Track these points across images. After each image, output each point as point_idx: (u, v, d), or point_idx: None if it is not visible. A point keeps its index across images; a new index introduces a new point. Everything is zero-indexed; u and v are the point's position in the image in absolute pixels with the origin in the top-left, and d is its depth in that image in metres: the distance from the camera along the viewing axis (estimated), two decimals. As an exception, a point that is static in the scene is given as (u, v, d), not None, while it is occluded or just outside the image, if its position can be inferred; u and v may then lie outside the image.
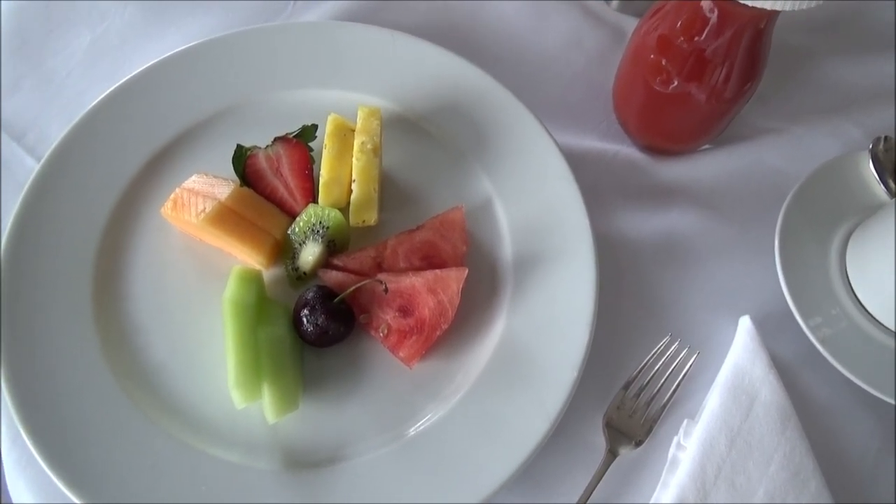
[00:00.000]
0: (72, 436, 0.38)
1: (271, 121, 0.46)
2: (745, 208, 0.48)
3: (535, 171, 0.46)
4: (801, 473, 0.39)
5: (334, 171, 0.43)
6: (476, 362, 0.41)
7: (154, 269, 0.43)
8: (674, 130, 0.48)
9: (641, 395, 0.42)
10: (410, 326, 0.41)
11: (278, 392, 0.38)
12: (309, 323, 0.40)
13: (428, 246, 0.43)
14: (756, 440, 0.40)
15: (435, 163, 0.47)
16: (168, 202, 0.43)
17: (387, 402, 0.40)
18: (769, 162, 0.50)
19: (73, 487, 0.36)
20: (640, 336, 0.44)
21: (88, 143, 0.45)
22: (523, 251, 0.44)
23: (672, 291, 0.46)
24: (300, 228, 0.42)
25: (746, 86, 0.44)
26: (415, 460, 0.39)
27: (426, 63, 0.49)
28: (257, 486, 0.38)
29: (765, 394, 0.41)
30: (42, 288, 0.41)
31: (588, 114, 0.52)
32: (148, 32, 0.53)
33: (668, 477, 0.40)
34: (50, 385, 0.39)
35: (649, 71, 0.45)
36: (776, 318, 0.44)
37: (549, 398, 0.40)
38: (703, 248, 0.47)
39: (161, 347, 0.41)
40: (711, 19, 0.40)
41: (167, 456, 0.38)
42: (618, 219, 0.48)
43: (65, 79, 0.51)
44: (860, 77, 0.54)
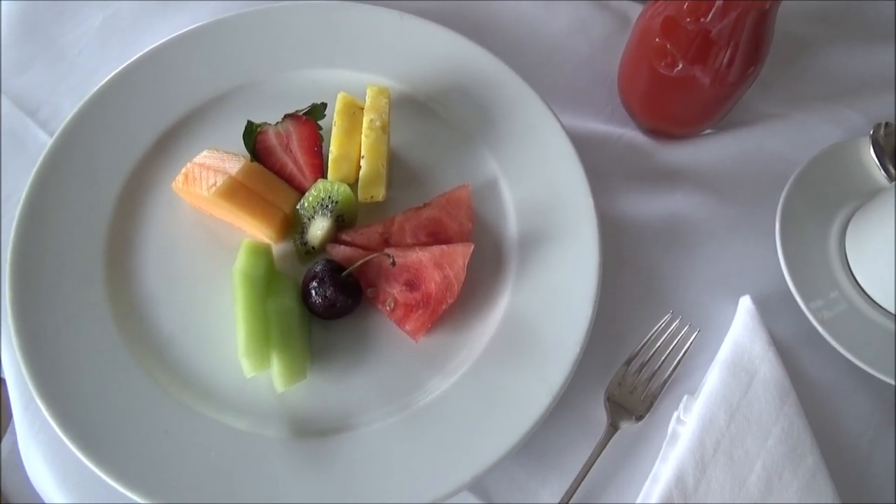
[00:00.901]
0: (85, 403, 0.39)
1: (281, 99, 0.47)
2: (747, 192, 0.49)
3: (540, 152, 0.47)
4: (799, 448, 0.40)
5: (343, 148, 0.44)
6: (481, 337, 0.42)
7: (165, 243, 0.44)
8: (677, 114, 0.49)
9: (643, 372, 0.43)
10: (417, 300, 0.41)
11: (287, 362, 0.39)
12: (318, 295, 0.40)
13: (434, 223, 0.44)
14: (754, 415, 0.40)
15: (442, 142, 0.48)
16: (179, 177, 0.44)
17: (392, 374, 0.41)
18: (771, 147, 0.51)
19: (86, 452, 0.37)
20: (641, 314, 0.45)
21: (100, 118, 0.46)
22: (528, 230, 0.45)
23: (674, 271, 0.46)
24: (309, 203, 0.43)
25: (749, 70, 0.45)
26: (419, 431, 0.39)
27: (434, 44, 0.50)
28: (265, 454, 0.39)
29: (764, 371, 0.41)
30: (55, 260, 0.42)
31: (593, 97, 0.52)
32: (158, 12, 0.54)
33: (667, 450, 0.41)
34: (63, 353, 0.40)
35: (654, 54, 0.45)
36: (776, 300, 0.45)
37: (552, 373, 0.40)
38: (704, 229, 0.48)
39: (172, 318, 0.42)
40: (717, 3, 0.41)
41: (178, 423, 0.39)
42: (621, 200, 0.48)
43: (76, 57, 0.52)
44: (861, 65, 0.54)
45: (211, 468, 0.38)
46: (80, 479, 0.40)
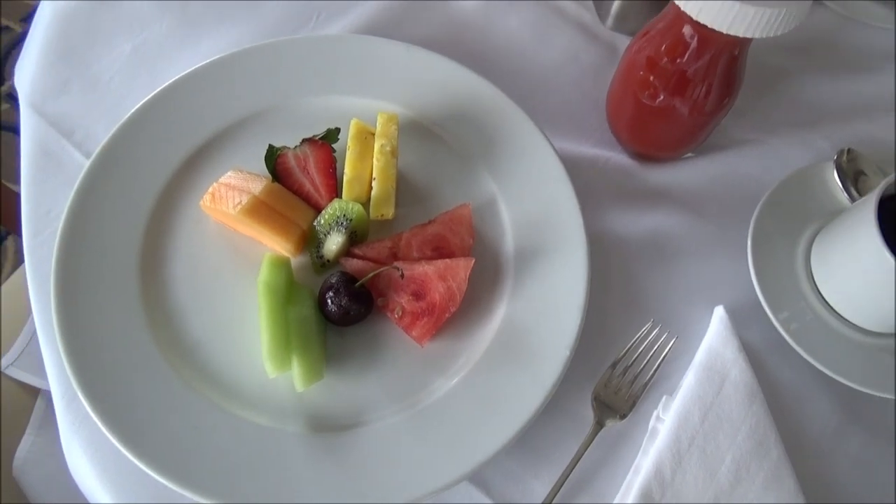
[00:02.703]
0: (122, 400, 0.43)
1: (299, 124, 0.51)
2: (723, 211, 0.53)
3: (534, 174, 0.51)
4: (765, 443, 0.44)
5: (356, 170, 0.48)
6: (480, 342, 0.46)
7: (193, 256, 0.48)
8: (660, 139, 0.54)
9: (626, 374, 0.47)
10: (422, 309, 0.46)
11: (306, 364, 0.43)
12: (333, 304, 0.45)
13: (438, 238, 0.48)
14: (726, 414, 0.45)
15: (445, 164, 0.52)
16: (206, 195, 0.48)
17: (400, 376, 0.45)
18: (745, 170, 0.55)
19: (124, 443, 0.41)
20: (626, 322, 0.49)
21: (133, 142, 0.50)
22: (523, 245, 0.49)
23: (656, 283, 0.51)
24: (325, 220, 0.47)
25: (724, 101, 0.49)
26: (424, 427, 0.44)
27: (438, 74, 0.54)
28: (285, 447, 0.43)
29: (734, 374, 0.46)
30: (95, 271, 0.46)
31: (583, 123, 0.57)
32: (183, 42, 0.58)
33: (647, 445, 0.45)
34: (103, 356, 0.44)
35: (638, 86, 0.50)
36: (748, 310, 0.49)
37: (544, 375, 0.45)
38: (684, 245, 0.52)
39: (200, 324, 0.46)
40: (692, 44, 0.45)
41: (206, 419, 0.43)
42: (609, 218, 0.53)
43: (108, 83, 0.56)
44: (830, 95, 0.59)
45: (235, 458, 0.42)
46: (116, 468, 0.44)
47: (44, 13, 0.59)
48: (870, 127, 0.57)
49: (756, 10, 0.39)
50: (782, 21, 0.40)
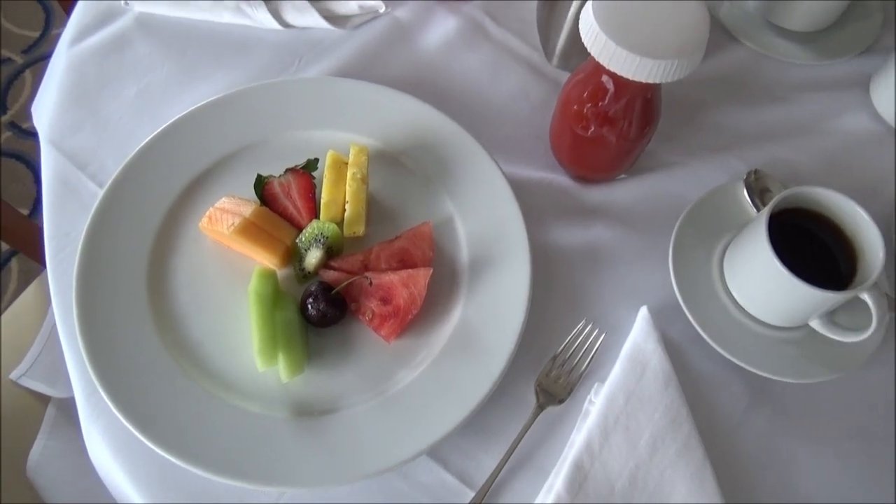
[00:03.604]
0: (135, 392, 0.50)
1: (283, 155, 0.59)
2: (650, 224, 0.61)
3: (486, 195, 0.59)
4: (677, 420, 0.52)
5: (332, 195, 0.56)
6: (439, 339, 0.54)
7: (194, 270, 0.56)
8: (594, 164, 0.62)
9: (565, 365, 0.55)
10: (389, 312, 0.54)
11: (290, 359, 0.51)
12: (313, 308, 0.53)
13: (403, 252, 0.56)
14: (646, 396, 0.53)
15: (410, 188, 0.60)
16: (204, 218, 0.56)
17: (371, 369, 0.53)
18: (670, 188, 0.63)
19: (138, 427, 0.49)
20: (565, 321, 0.57)
21: (140, 173, 0.58)
22: (476, 256, 0.57)
23: (591, 288, 0.59)
24: (306, 238, 0.55)
25: (645, 130, 0.58)
26: (390, 411, 0.52)
27: (404, 110, 0.62)
28: (272, 430, 0.50)
29: (654, 363, 0.54)
30: (109, 283, 0.54)
31: (531, 150, 0.65)
32: (182, 85, 0.66)
33: (581, 424, 0.53)
34: (118, 355, 0.52)
35: (573, 120, 0.58)
36: (670, 310, 0.57)
37: (493, 366, 0.52)
38: (615, 255, 0.60)
39: (200, 327, 0.54)
40: (610, 88, 0.54)
41: (206, 406, 0.51)
42: (552, 232, 0.61)
43: (117, 122, 0.64)
44: (745, 122, 0.67)
45: (230, 439, 0.49)
46: (130, 449, 0.51)
47: (59, 61, 0.67)
48: (778, 149, 0.66)
49: (654, 62, 0.48)
50: (677, 70, 0.49)
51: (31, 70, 1.71)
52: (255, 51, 0.68)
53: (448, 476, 0.52)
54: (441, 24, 0.71)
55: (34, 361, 0.86)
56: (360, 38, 0.69)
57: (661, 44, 0.48)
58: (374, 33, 0.70)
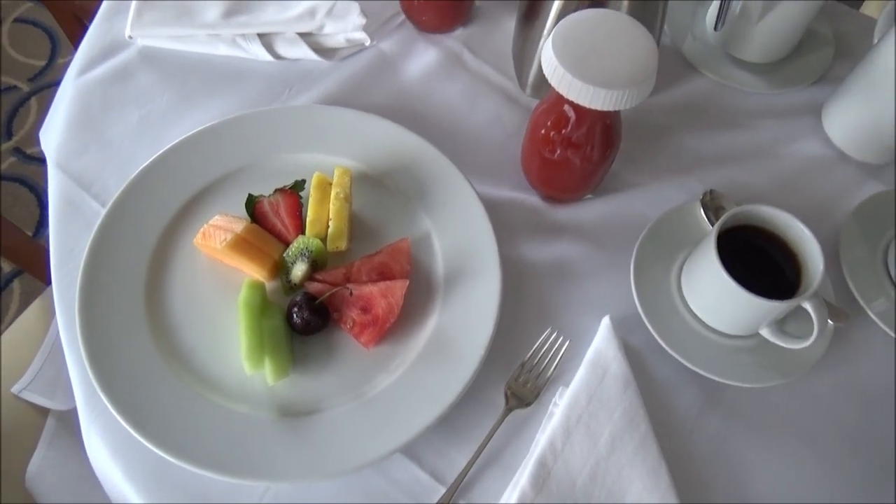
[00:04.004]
0: (132, 394, 0.54)
1: (273, 177, 0.63)
2: (614, 241, 0.65)
3: (461, 213, 0.64)
4: (635, 420, 0.56)
5: (317, 213, 0.61)
6: (415, 346, 0.58)
7: (188, 282, 0.60)
8: (561, 185, 0.67)
9: (532, 371, 0.59)
10: (368, 320, 0.58)
11: (276, 363, 0.55)
12: (298, 317, 0.57)
13: (383, 265, 0.61)
14: (606, 399, 0.57)
15: (390, 207, 0.65)
16: (199, 234, 0.60)
17: (351, 373, 0.57)
18: (633, 208, 0.68)
19: (135, 427, 0.53)
20: (534, 330, 0.61)
21: (140, 193, 0.62)
22: (451, 269, 0.62)
23: (558, 299, 0.63)
24: (292, 252, 0.60)
25: (607, 153, 0.62)
26: (370, 412, 0.56)
27: (386, 135, 0.67)
28: (259, 429, 0.54)
29: (614, 368, 0.58)
30: (109, 294, 0.58)
31: (504, 172, 0.69)
32: (181, 112, 0.71)
33: (546, 424, 0.57)
34: (117, 360, 0.56)
35: (541, 144, 0.63)
36: (631, 320, 0.61)
37: (464, 370, 0.56)
38: (581, 269, 0.64)
39: (193, 335, 0.58)
40: (572, 117, 0.59)
41: (198, 407, 0.55)
42: (522, 248, 0.65)
43: (119, 146, 0.69)
44: (704, 147, 0.72)
45: (220, 437, 0.53)
46: (126, 450, 0.55)
47: (67, 90, 0.72)
48: (735, 172, 0.70)
49: (608, 91, 0.53)
50: (628, 98, 0.54)
51: (37, 98, 1.76)
52: (249, 81, 0.74)
53: (422, 473, 0.56)
54: (422, 55, 0.76)
55: (35, 376, 0.90)
56: (346, 69, 0.75)
57: (615, 75, 0.53)
58: (359, 64, 0.75)
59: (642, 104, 0.71)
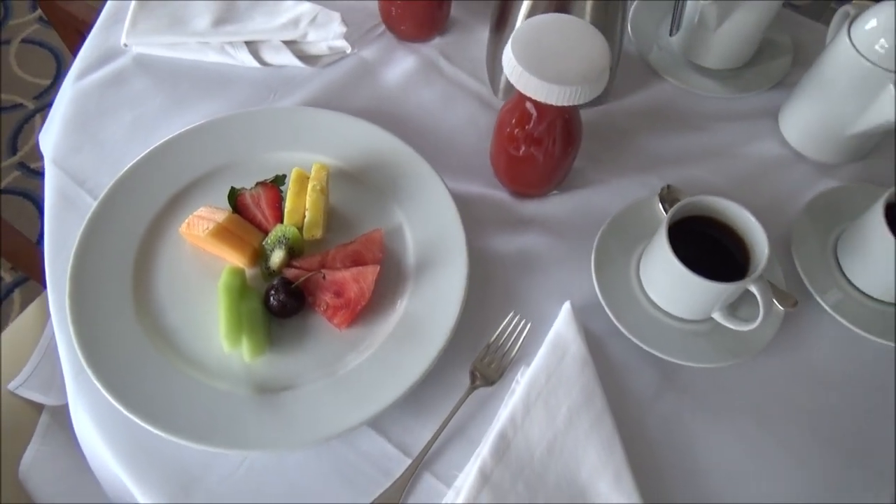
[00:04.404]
0: (118, 371, 0.58)
1: (256, 173, 0.67)
2: (577, 233, 0.68)
3: (432, 207, 0.67)
4: (591, 398, 0.59)
5: (294, 204, 0.65)
6: (385, 328, 0.62)
7: (173, 268, 0.64)
8: (527, 180, 0.70)
9: (497, 352, 0.63)
10: (341, 303, 0.62)
11: (252, 342, 0.58)
12: (275, 300, 0.61)
13: (356, 254, 0.64)
14: (565, 377, 0.60)
15: (366, 201, 0.69)
16: (184, 224, 0.64)
17: (324, 353, 0.61)
18: (596, 202, 0.71)
19: (119, 401, 0.56)
20: (499, 316, 0.64)
21: (130, 187, 0.67)
22: (421, 258, 0.65)
23: (523, 287, 0.67)
24: (271, 240, 0.63)
25: (568, 150, 0.67)
26: (341, 388, 0.59)
27: (363, 135, 0.71)
28: (237, 404, 0.57)
29: (573, 349, 0.61)
30: (98, 279, 0.62)
31: (476, 170, 0.73)
32: (172, 114, 0.75)
33: (508, 400, 0.60)
34: (104, 340, 0.59)
35: (507, 141, 0.67)
36: (592, 307, 0.64)
37: (430, 350, 0.60)
38: (545, 259, 0.68)
39: (177, 317, 0.62)
40: (533, 114, 0.63)
41: (179, 383, 0.58)
42: (490, 239, 0.69)
43: (113, 145, 0.73)
44: (665, 147, 0.76)
45: (201, 411, 0.57)
46: (110, 423, 0.58)
47: (65, 94, 0.77)
48: (695, 170, 0.74)
49: (562, 87, 0.57)
50: (581, 94, 0.58)
51: (41, 115, 1.82)
52: (236, 85, 0.78)
53: (389, 447, 0.59)
54: (401, 62, 0.81)
55: (31, 373, 0.93)
56: (328, 75, 0.79)
57: (569, 73, 0.58)
58: (341, 71, 0.80)
59: (608, 108, 0.76)
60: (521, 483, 0.56)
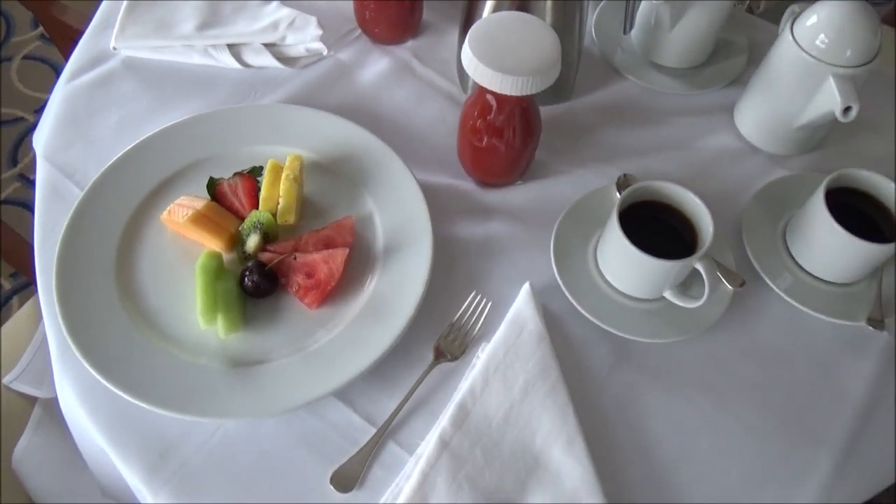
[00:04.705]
0: (101, 348, 0.61)
1: (235, 165, 0.71)
2: (539, 220, 0.72)
3: (401, 195, 0.71)
4: (546, 370, 0.63)
5: (269, 192, 0.69)
6: (354, 308, 0.66)
7: (154, 253, 0.68)
8: (491, 170, 0.74)
9: (460, 329, 0.66)
10: (312, 284, 0.65)
11: (227, 319, 0.62)
12: (249, 280, 0.64)
13: (328, 238, 0.68)
14: (522, 351, 0.64)
15: (339, 191, 0.73)
16: (165, 212, 0.68)
17: (296, 330, 0.64)
18: (558, 192, 0.75)
19: (102, 374, 0.60)
20: (463, 297, 0.67)
21: (117, 176, 0.71)
22: (390, 243, 0.69)
23: (486, 270, 0.70)
24: (246, 225, 0.67)
25: (528, 140, 0.71)
26: (312, 363, 0.62)
27: (337, 130, 0.75)
28: (213, 377, 0.61)
29: (530, 326, 0.65)
30: (84, 264, 0.66)
31: (445, 162, 0.77)
32: (157, 112, 0.79)
33: (468, 374, 0.64)
34: (88, 318, 0.63)
35: (471, 133, 0.71)
36: (551, 288, 0.67)
37: (395, 326, 0.63)
38: (508, 244, 0.71)
39: (157, 297, 0.65)
40: (493, 105, 0.67)
41: (159, 359, 0.62)
42: (456, 226, 0.73)
43: (101, 141, 0.77)
44: (625, 140, 0.80)
45: (178, 384, 0.60)
46: (93, 396, 0.61)
47: (57, 94, 0.81)
48: (653, 162, 0.78)
49: (515, 78, 0.61)
50: (533, 84, 0.62)
51: (41, 126, 1.87)
52: (219, 86, 0.82)
53: (356, 417, 0.62)
54: (375, 63, 0.85)
55: (25, 368, 0.97)
56: (306, 76, 0.84)
57: (522, 64, 0.62)
58: (318, 72, 0.84)
59: (571, 105, 0.80)
60: (479, 449, 0.59)
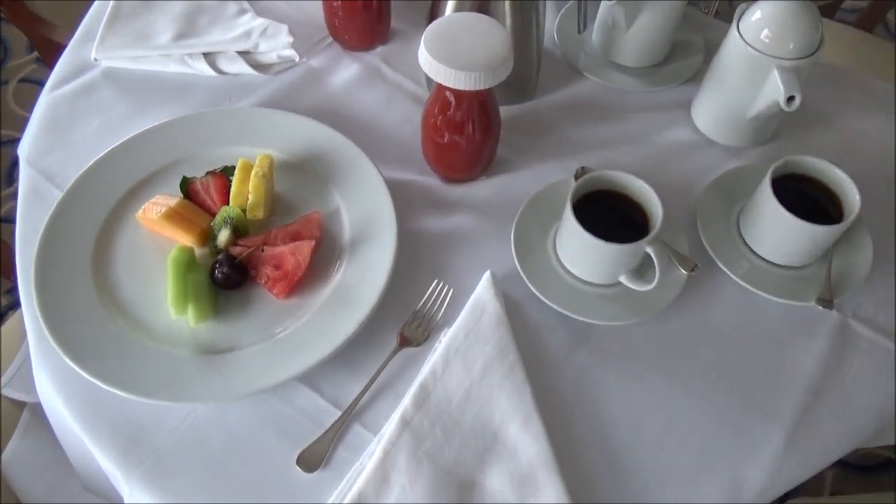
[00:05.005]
0: (77, 338, 0.64)
1: (209, 166, 0.74)
2: (501, 213, 0.75)
3: (367, 191, 0.74)
4: (505, 351, 0.65)
5: (239, 189, 0.72)
6: (320, 297, 0.68)
7: (130, 250, 0.71)
8: (453, 165, 0.77)
9: (424, 317, 0.69)
10: (280, 275, 0.68)
11: (197, 309, 0.65)
12: (219, 272, 0.67)
13: (296, 232, 0.71)
14: (482, 334, 0.66)
15: (308, 188, 0.76)
16: (140, 210, 0.71)
17: (265, 319, 0.67)
18: (520, 186, 0.78)
19: (77, 362, 0.62)
20: (426, 283, 0.70)
21: (93, 179, 0.74)
22: (356, 236, 0.72)
23: (450, 261, 0.73)
24: (217, 221, 0.70)
25: (488, 135, 0.74)
26: (278, 350, 0.65)
27: (307, 131, 0.79)
28: (183, 364, 0.64)
29: (490, 310, 0.67)
30: (62, 259, 0.69)
31: (411, 160, 0.80)
32: (135, 118, 0.83)
33: (430, 357, 0.66)
34: (65, 311, 0.66)
35: (433, 130, 0.74)
36: (512, 276, 0.70)
37: (359, 314, 0.66)
38: (471, 235, 0.74)
39: (132, 290, 0.68)
40: (452, 101, 0.70)
41: (132, 349, 0.64)
42: (421, 220, 0.76)
43: (81, 147, 0.80)
44: (587, 136, 0.83)
45: (151, 372, 0.63)
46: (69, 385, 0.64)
47: (41, 103, 0.85)
48: (612, 155, 0.81)
49: (468, 73, 0.64)
50: (486, 79, 0.65)
51: (35, 145, 1.91)
52: (195, 92, 0.86)
53: (322, 401, 0.65)
54: (346, 69, 0.89)
55: (13, 375, 0.99)
56: (279, 81, 0.87)
57: (475, 61, 0.65)
58: (291, 77, 0.87)
59: (534, 104, 0.83)
60: (439, 427, 0.62)
